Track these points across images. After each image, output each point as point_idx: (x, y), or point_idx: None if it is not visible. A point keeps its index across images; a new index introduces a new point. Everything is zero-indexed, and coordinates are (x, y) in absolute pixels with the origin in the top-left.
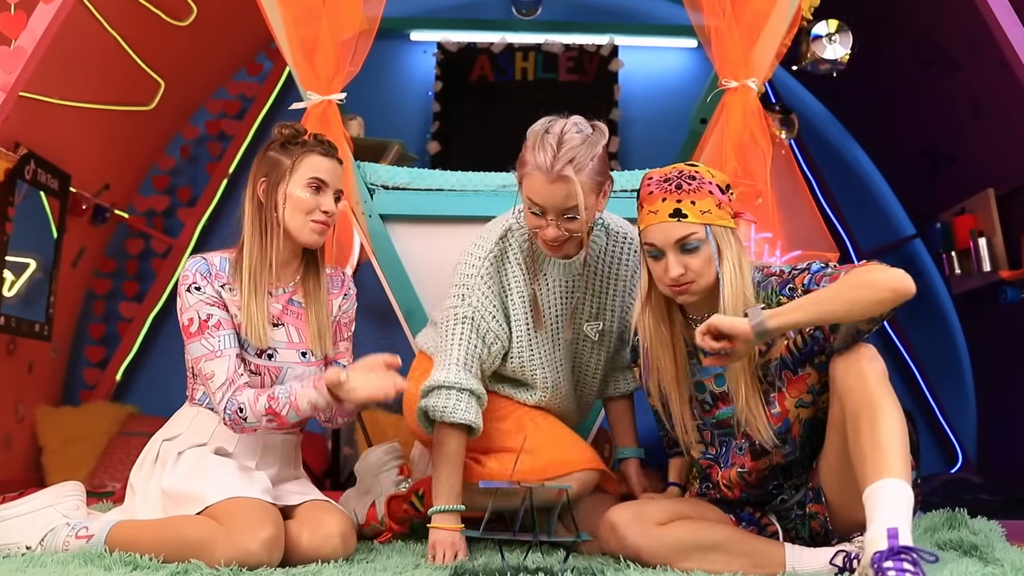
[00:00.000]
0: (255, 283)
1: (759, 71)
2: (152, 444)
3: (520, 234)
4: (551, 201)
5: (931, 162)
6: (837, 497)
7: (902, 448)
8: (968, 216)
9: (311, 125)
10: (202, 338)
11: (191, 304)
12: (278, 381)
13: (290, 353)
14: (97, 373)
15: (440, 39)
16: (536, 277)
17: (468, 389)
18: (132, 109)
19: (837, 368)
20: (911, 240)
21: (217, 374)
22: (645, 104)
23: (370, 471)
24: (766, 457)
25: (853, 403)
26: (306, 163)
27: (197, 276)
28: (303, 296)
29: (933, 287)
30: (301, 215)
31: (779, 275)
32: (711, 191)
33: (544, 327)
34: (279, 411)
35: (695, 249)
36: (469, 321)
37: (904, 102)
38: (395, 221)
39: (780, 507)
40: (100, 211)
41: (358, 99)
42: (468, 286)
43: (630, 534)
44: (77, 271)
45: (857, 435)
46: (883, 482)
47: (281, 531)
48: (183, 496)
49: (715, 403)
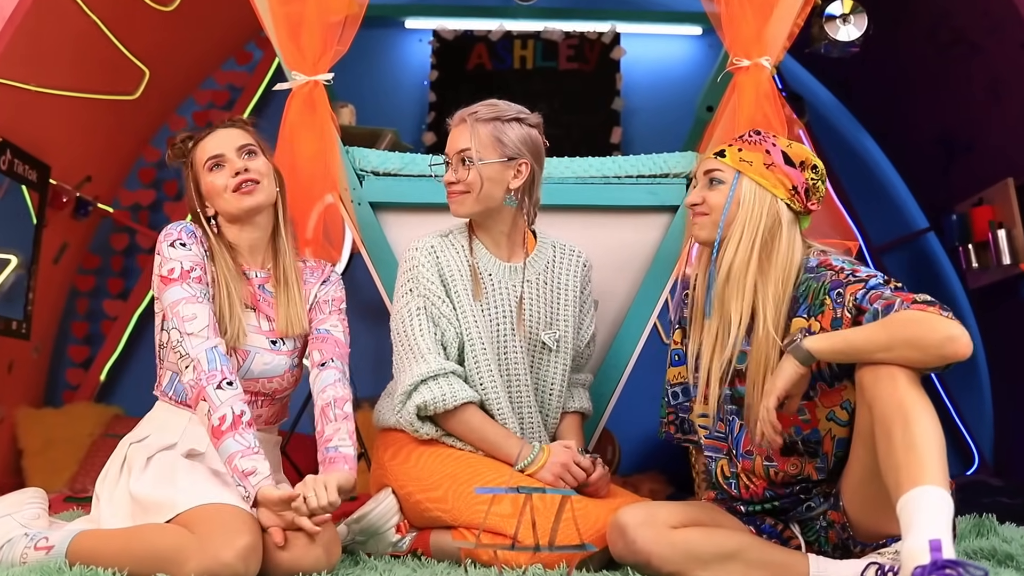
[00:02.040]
0: (226, 264)
1: (772, 49)
2: (119, 448)
3: (461, 235)
4: (451, 143)
5: (946, 151)
6: (859, 510)
7: (939, 454)
8: (986, 207)
9: (296, 107)
10: (183, 283)
11: (175, 257)
12: (246, 364)
13: (259, 338)
14: (80, 373)
15: (436, 27)
16: (474, 258)
17: (452, 371)
18: (115, 98)
19: (865, 373)
20: (924, 234)
21: (199, 316)
22: (648, 93)
23: (366, 532)
24: (796, 459)
25: (882, 407)
26: (196, 157)
27: (184, 234)
28: (274, 285)
29: (947, 283)
30: (222, 196)
31: (836, 272)
32: (768, 150)
33: (498, 327)
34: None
35: (717, 184)
36: (423, 311)
37: (919, 88)
38: (386, 209)
39: (805, 515)
40: (82, 204)
41: (351, 89)
42: (413, 278)
43: (640, 538)
44: (59, 267)
45: (889, 441)
46: (921, 489)
47: (258, 540)
48: (152, 502)
49: (733, 379)
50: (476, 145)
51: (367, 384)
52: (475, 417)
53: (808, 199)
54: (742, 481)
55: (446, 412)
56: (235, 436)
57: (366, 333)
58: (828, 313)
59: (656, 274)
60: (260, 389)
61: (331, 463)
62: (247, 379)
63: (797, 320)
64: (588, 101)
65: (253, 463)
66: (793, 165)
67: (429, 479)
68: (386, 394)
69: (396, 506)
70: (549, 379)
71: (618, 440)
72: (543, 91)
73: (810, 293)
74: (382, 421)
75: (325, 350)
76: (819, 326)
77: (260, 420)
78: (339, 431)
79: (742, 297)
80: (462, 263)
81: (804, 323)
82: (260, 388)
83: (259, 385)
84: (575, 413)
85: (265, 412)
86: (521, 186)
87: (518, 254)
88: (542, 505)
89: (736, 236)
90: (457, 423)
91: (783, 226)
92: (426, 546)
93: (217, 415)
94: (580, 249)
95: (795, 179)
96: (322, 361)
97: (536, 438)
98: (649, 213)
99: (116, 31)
